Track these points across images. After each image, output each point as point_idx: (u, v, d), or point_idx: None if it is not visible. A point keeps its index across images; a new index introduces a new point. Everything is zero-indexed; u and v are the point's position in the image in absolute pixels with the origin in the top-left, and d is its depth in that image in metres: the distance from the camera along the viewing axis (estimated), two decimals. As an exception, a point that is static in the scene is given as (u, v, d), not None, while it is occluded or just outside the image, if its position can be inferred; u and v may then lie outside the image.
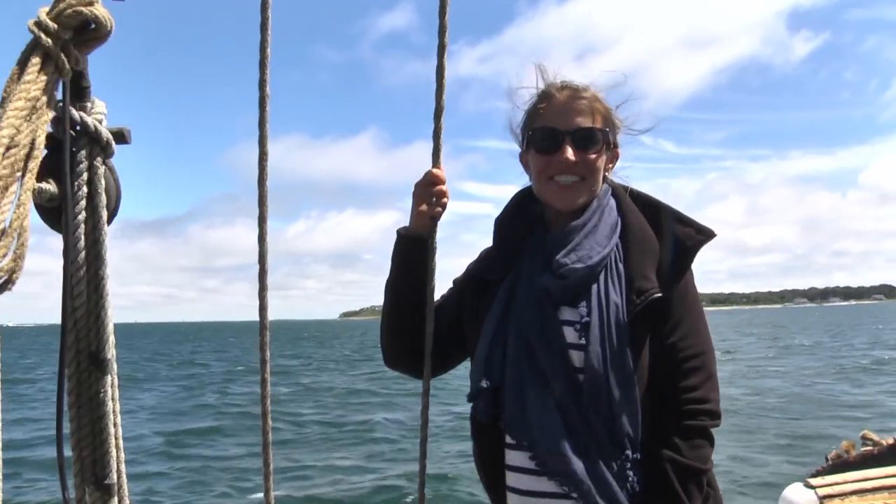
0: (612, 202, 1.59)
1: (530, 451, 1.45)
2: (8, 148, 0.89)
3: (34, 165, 0.94)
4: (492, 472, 1.56)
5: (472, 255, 1.75)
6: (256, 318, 1.41)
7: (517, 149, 1.68)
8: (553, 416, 1.42)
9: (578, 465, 1.39)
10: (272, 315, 1.44)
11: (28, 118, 0.92)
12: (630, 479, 1.40)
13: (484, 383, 1.49)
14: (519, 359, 1.48)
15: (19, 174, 0.92)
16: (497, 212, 1.70)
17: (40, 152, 0.96)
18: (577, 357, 1.44)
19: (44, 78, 0.95)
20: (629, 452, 1.41)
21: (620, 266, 1.49)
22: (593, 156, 1.54)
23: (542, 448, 1.42)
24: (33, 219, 0.95)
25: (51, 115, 0.99)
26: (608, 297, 1.44)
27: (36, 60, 0.94)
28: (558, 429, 1.41)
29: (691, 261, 1.52)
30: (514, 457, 1.51)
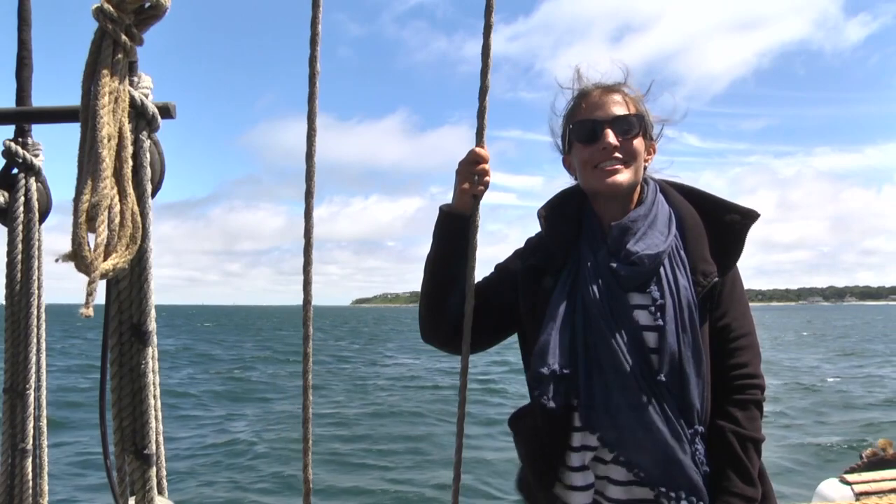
0: (661, 196, 1.66)
1: (607, 437, 1.49)
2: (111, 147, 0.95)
3: (127, 154, 0.98)
4: (548, 457, 1.57)
5: (498, 244, 1.66)
6: (279, 303, 1.39)
7: (542, 137, 1.77)
8: (633, 402, 1.47)
9: (657, 447, 1.45)
10: (289, 301, 1.43)
11: (113, 111, 0.96)
12: (698, 451, 1.49)
13: (550, 369, 1.51)
14: (592, 343, 1.52)
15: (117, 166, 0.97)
16: (521, 202, 1.73)
17: (128, 140, 0.99)
18: (650, 338, 1.51)
19: (117, 68, 0.98)
20: (697, 427, 1.49)
21: (682, 253, 1.57)
22: (633, 140, 1.61)
23: (621, 433, 1.47)
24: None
25: (128, 100, 1.01)
26: (677, 281, 1.52)
27: (108, 52, 0.96)
28: (639, 414, 1.46)
29: (743, 244, 1.59)
30: (584, 441, 1.54)
